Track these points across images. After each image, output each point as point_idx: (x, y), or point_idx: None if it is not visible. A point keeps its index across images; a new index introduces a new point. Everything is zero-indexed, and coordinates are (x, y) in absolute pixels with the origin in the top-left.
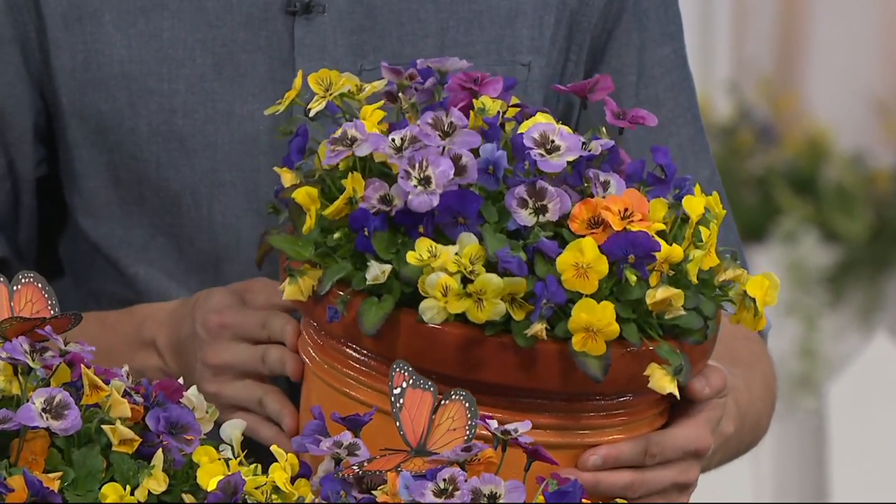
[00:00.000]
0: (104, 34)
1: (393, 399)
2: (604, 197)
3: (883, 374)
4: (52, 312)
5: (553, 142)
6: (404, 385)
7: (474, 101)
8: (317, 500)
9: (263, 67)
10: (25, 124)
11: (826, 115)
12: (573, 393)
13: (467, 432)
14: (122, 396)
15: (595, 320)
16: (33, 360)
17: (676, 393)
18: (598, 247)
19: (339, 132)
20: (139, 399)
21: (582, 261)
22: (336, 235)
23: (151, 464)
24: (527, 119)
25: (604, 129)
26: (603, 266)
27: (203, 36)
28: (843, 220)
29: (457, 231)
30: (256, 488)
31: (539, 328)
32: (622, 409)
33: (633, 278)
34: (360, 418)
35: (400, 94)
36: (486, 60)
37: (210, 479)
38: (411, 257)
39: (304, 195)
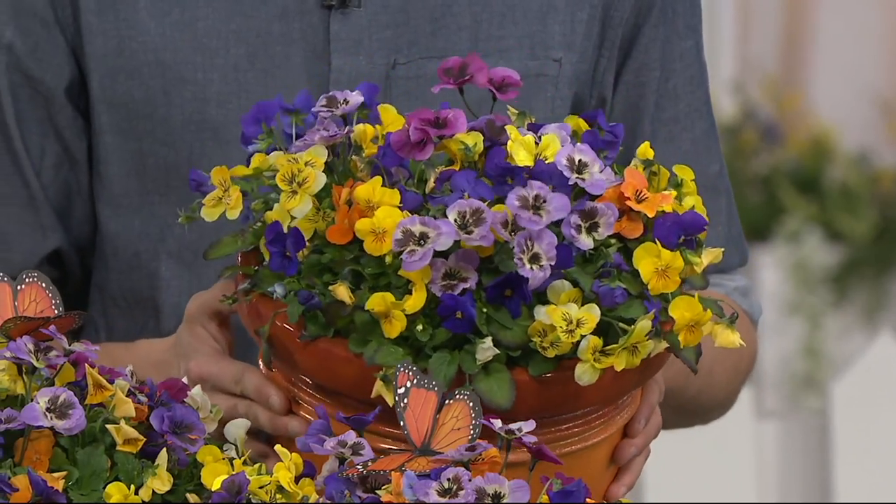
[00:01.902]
0: (138, 21)
1: (397, 399)
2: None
3: (887, 374)
4: (56, 312)
5: (580, 160)
6: (408, 385)
7: (447, 142)
8: (321, 500)
9: (297, 60)
10: (76, 108)
11: (831, 114)
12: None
13: (471, 432)
14: (127, 396)
15: (695, 314)
16: (37, 360)
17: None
18: (654, 238)
19: (401, 233)
20: (143, 399)
21: (659, 264)
22: (420, 328)
23: (156, 463)
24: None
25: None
26: (679, 262)
27: (238, 26)
28: (848, 220)
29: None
30: (261, 487)
31: (663, 344)
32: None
33: (696, 259)
34: (364, 418)
35: (353, 157)
36: (518, 55)
37: (214, 478)
38: (536, 326)
39: (381, 301)
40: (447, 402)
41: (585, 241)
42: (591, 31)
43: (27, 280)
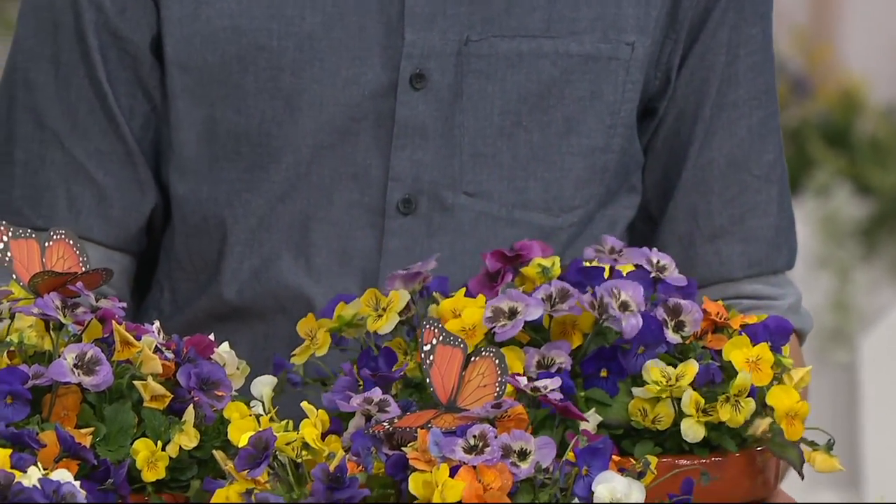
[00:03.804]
0: None
1: (423, 356)
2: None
3: None
4: (83, 269)
5: (659, 261)
6: (434, 342)
7: (524, 270)
8: (347, 457)
9: (372, 32)
10: (161, 68)
11: (861, 67)
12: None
13: (497, 389)
14: (154, 352)
15: (794, 404)
16: (65, 316)
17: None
18: (749, 337)
19: (491, 311)
20: (170, 355)
21: (750, 355)
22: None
23: (182, 419)
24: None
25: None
26: (769, 355)
27: None
28: (877, 173)
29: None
30: (287, 444)
31: (768, 421)
32: None
33: (788, 361)
34: (390, 375)
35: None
36: (591, 38)
37: (241, 434)
38: (636, 404)
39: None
40: (473, 359)
41: (673, 337)
42: (661, 14)
43: (55, 237)
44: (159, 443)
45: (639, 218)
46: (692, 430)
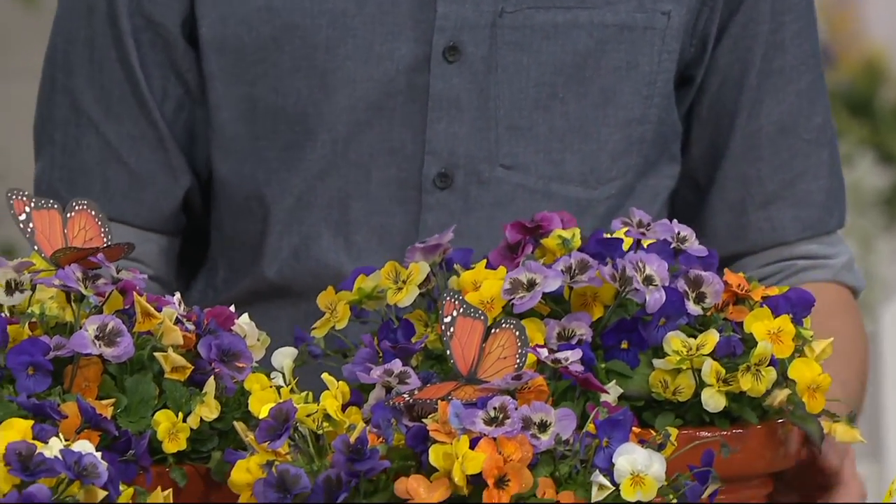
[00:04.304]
0: None
1: (443, 328)
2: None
3: None
4: (105, 241)
5: (679, 232)
6: (455, 314)
7: (545, 241)
8: (367, 428)
9: (404, 7)
10: (195, 51)
11: (883, 35)
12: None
13: (518, 360)
14: (174, 324)
15: (815, 376)
16: (86, 288)
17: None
18: (770, 309)
19: (509, 283)
20: (191, 327)
21: (772, 327)
22: None
23: (203, 391)
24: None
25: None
26: (790, 327)
27: None
28: None
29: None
30: (308, 416)
31: (786, 392)
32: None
33: (808, 333)
34: (410, 347)
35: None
36: (626, 7)
37: (262, 406)
38: (657, 376)
39: None
40: (493, 330)
41: (694, 308)
42: None
43: (77, 208)
44: (180, 414)
45: (685, 187)
46: (713, 400)
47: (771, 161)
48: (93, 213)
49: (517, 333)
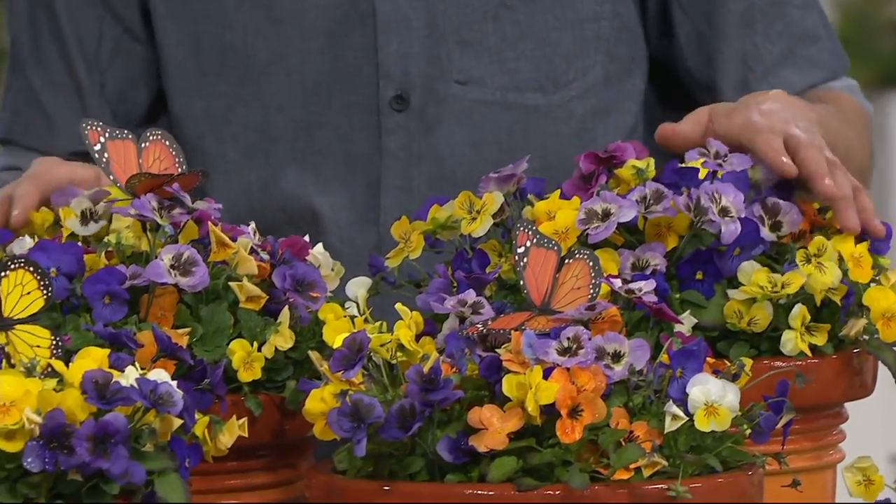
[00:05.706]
0: None
1: (517, 258)
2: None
3: None
4: (179, 170)
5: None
6: (528, 244)
7: (619, 171)
8: (441, 358)
9: None
10: None
11: None
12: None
13: (591, 291)
14: (249, 254)
15: (890, 304)
16: (161, 217)
17: None
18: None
19: (584, 213)
20: (265, 256)
21: (854, 251)
22: None
23: (278, 321)
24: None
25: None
26: (869, 256)
27: None
28: None
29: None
30: (382, 345)
31: (863, 322)
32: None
33: (885, 262)
34: (484, 277)
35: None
36: None
37: (336, 336)
38: (732, 306)
39: None
40: (567, 261)
41: (769, 236)
42: None
43: (151, 138)
44: (255, 343)
45: (695, 86)
46: (791, 344)
47: (766, 34)
48: (167, 142)
49: (591, 264)
